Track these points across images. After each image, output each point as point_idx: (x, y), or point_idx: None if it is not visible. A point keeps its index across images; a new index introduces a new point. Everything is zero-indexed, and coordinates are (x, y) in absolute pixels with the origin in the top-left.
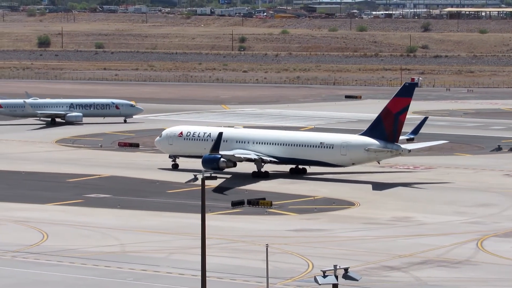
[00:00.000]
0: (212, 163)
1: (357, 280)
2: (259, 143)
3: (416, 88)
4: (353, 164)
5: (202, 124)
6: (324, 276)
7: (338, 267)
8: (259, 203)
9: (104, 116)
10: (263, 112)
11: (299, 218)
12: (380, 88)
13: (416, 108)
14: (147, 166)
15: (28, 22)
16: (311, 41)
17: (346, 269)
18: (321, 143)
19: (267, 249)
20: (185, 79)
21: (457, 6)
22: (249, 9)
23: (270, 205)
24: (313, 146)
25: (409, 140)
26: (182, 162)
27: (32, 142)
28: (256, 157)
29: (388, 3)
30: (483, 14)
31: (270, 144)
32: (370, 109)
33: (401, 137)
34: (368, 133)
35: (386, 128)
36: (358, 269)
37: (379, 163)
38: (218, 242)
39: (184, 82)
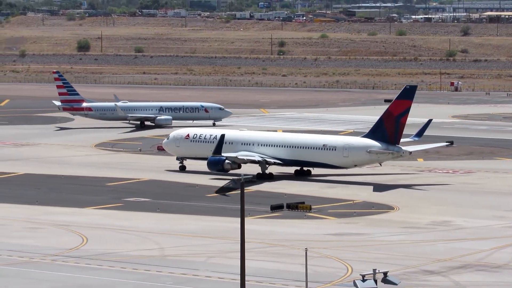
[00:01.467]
0: (217, 165)
1: (396, 284)
2: (264, 145)
3: (456, 92)
4: (355, 166)
5: (242, 128)
6: (363, 280)
7: (377, 271)
8: (298, 207)
9: (193, 119)
10: (302, 116)
11: (338, 222)
12: (420, 92)
13: (456, 112)
14: (186, 170)
15: (67, 26)
16: (350, 45)
17: (385, 273)
18: (324, 145)
19: (306, 253)
20: (224, 83)
21: (497, 10)
22: (289, 13)
23: (309, 209)
24: (316, 148)
25: (449, 144)
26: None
27: (72, 146)
28: (259, 159)
29: (428, 7)
30: None
31: (274, 146)
32: (410, 113)
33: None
34: (370, 135)
35: (388, 130)
36: (397, 273)
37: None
38: (257, 246)
39: (223, 86)
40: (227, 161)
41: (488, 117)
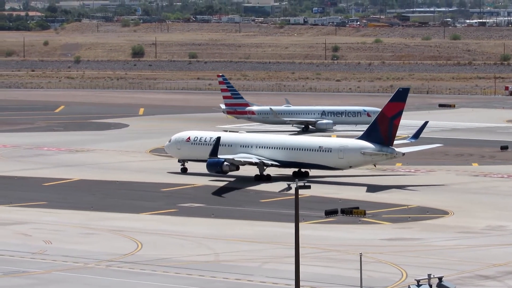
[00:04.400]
0: (216, 167)
1: None
2: (262, 147)
3: (511, 97)
4: (350, 167)
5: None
6: (418, 285)
7: (432, 276)
8: (353, 212)
9: (355, 123)
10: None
11: (392, 227)
12: (474, 96)
13: (511, 117)
14: (240, 175)
15: (122, 32)
16: (404, 49)
17: (440, 278)
18: (320, 147)
19: (360, 258)
20: (278, 89)
21: None
22: (342, 18)
23: (363, 214)
24: (313, 150)
25: (503, 149)
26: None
27: (126, 152)
28: (257, 160)
29: (482, 11)
30: None
31: (272, 148)
32: (464, 118)
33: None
34: (365, 137)
35: (382, 132)
36: (452, 278)
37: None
38: (311, 251)
39: (277, 91)
40: (225, 163)
41: None
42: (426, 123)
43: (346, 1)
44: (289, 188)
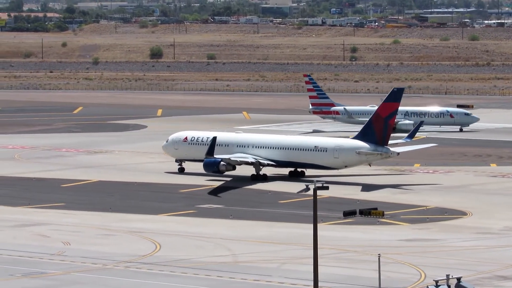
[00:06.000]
0: (212, 167)
1: None
2: (258, 147)
3: None
4: (345, 166)
5: (316, 134)
6: (437, 286)
7: (450, 277)
8: (371, 213)
9: (438, 124)
10: None
11: (411, 228)
12: (492, 97)
13: None
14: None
15: (140, 33)
16: (422, 50)
17: (458, 279)
18: (315, 146)
19: (379, 259)
20: (296, 89)
21: None
22: (361, 19)
23: (382, 215)
24: (308, 150)
25: None
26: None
27: (144, 153)
28: (253, 160)
29: (500, 12)
30: None
31: (268, 148)
32: (483, 118)
33: None
34: (360, 136)
35: (376, 132)
36: (471, 279)
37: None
38: (330, 252)
39: (295, 92)
40: (222, 162)
41: None
42: (421, 123)
43: (364, 2)
44: (307, 189)
